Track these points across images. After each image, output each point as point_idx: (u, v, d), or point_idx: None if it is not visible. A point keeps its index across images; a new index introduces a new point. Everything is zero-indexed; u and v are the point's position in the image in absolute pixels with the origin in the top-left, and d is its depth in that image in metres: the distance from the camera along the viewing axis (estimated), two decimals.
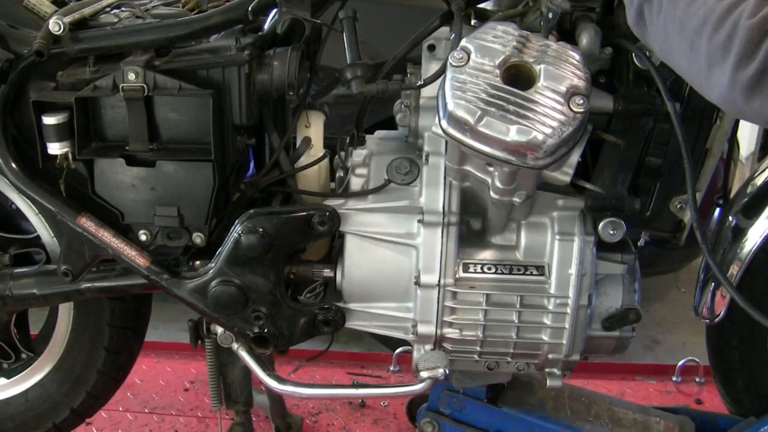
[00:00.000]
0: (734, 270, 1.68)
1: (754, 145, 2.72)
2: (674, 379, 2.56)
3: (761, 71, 0.90)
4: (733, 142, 1.88)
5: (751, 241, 1.67)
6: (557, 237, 1.50)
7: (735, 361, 1.84)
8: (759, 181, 1.72)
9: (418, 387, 1.62)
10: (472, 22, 1.52)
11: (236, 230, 1.52)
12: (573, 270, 1.50)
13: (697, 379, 2.55)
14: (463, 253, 1.53)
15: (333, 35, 1.57)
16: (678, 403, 2.43)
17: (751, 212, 1.70)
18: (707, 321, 1.76)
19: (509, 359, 1.59)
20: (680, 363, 2.56)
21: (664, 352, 3.02)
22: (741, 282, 1.69)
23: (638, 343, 3.00)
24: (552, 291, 1.51)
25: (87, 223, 1.57)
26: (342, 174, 1.61)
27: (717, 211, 1.76)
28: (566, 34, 1.39)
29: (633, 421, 1.85)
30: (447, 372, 1.53)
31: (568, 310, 1.51)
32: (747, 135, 2.65)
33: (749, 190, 1.72)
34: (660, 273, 2.94)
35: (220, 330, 1.65)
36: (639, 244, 1.64)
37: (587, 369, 2.54)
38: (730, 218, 1.72)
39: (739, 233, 1.70)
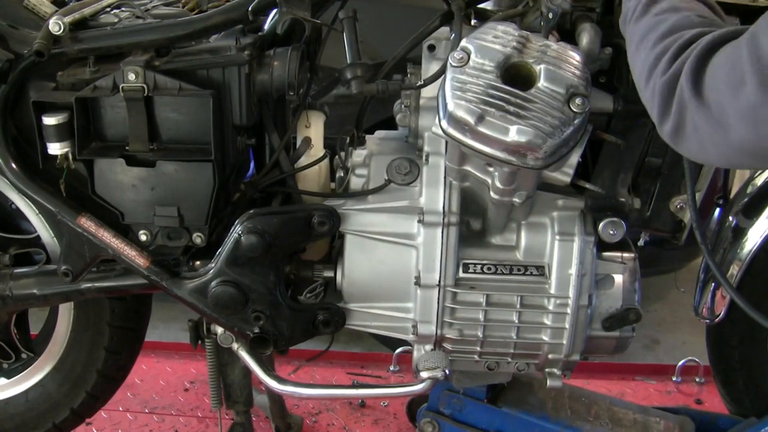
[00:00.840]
0: (734, 270, 1.68)
1: None
2: (674, 379, 2.55)
3: (675, 127, 0.99)
4: None
5: (751, 241, 1.68)
6: (557, 237, 1.50)
7: (735, 361, 1.84)
8: (759, 181, 1.72)
9: (418, 387, 1.62)
10: (472, 22, 1.52)
11: (236, 230, 1.52)
12: (573, 270, 1.50)
13: (697, 379, 2.55)
14: (463, 253, 1.53)
15: (333, 35, 1.57)
16: (678, 403, 2.43)
17: (751, 212, 1.70)
18: (707, 321, 1.76)
19: (509, 359, 1.59)
20: (680, 363, 2.55)
21: (664, 352, 3.02)
22: (741, 282, 1.69)
23: (638, 343, 3.00)
24: (552, 291, 1.51)
25: (87, 223, 1.57)
26: (342, 174, 1.61)
27: (717, 211, 1.76)
28: (566, 34, 1.39)
29: (633, 421, 1.85)
30: (447, 372, 1.53)
31: (568, 310, 1.51)
32: None
33: (749, 190, 1.72)
34: (660, 273, 2.94)
35: (220, 330, 1.65)
36: (639, 244, 1.64)
37: (587, 369, 2.54)
38: (730, 218, 1.72)
39: (739, 233, 1.70)
